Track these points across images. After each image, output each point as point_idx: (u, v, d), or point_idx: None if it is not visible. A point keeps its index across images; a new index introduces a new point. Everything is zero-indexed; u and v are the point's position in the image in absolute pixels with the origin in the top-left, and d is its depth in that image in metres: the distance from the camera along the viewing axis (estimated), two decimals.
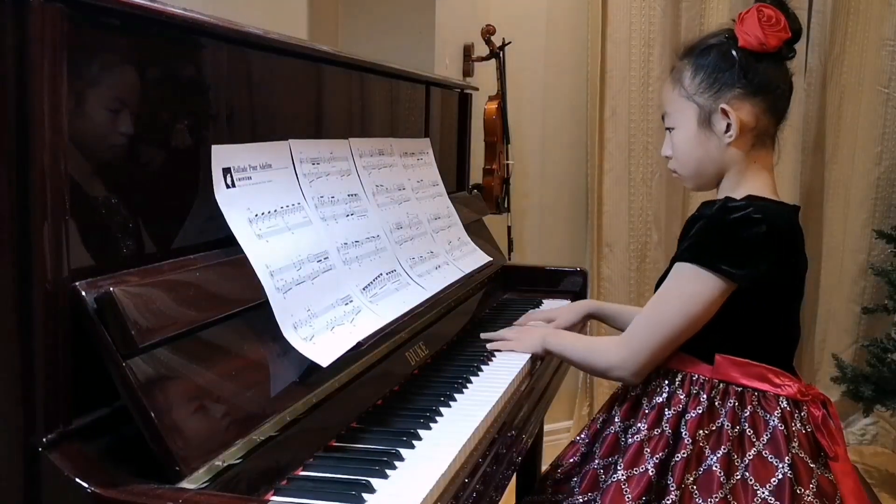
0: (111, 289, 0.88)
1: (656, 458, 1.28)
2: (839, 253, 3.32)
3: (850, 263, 3.34)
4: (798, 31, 1.34)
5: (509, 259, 2.70)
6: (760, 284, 1.28)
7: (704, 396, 1.29)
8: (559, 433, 3.10)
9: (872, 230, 3.26)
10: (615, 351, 1.39)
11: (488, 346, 1.61)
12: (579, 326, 1.93)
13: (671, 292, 1.34)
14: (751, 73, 1.32)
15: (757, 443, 1.27)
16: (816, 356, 3.34)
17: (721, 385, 1.30)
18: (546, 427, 2.46)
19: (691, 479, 1.25)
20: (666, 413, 1.31)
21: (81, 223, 0.91)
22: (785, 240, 1.32)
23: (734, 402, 1.29)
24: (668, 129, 1.42)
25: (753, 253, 1.27)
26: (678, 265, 1.33)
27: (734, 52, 1.33)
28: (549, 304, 2.07)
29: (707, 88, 1.34)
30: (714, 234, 1.29)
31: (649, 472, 1.28)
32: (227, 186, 1.11)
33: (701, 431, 1.28)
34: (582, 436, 1.53)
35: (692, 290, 1.30)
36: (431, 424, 1.23)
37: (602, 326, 2.51)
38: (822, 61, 3.21)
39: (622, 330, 1.80)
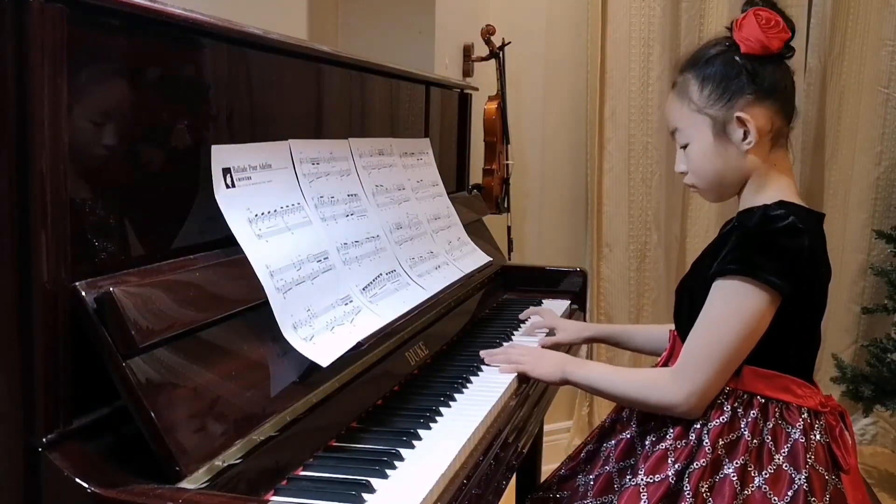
0: (111, 289, 0.88)
1: (678, 466, 1.27)
2: (839, 253, 3.32)
3: (849, 263, 3.34)
4: (794, 30, 1.33)
5: (509, 259, 2.70)
6: (796, 296, 1.26)
7: (728, 406, 1.28)
8: (559, 433, 3.10)
9: (872, 230, 3.26)
10: (673, 386, 1.29)
11: (501, 368, 1.50)
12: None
13: (722, 312, 1.26)
14: (758, 77, 1.30)
15: (777, 455, 1.26)
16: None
17: (745, 396, 1.29)
18: (546, 427, 2.46)
19: (706, 486, 1.24)
20: (694, 424, 1.29)
21: (81, 223, 0.91)
22: (818, 250, 1.30)
23: (756, 414, 1.27)
24: (681, 146, 1.38)
25: (796, 264, 1.25)
26: (722, 282, 1.26)
27: (738, 59, 1.31)
28: (548, 304, 2.07)
29: (718, 99, 1.32)
30: (759, 245, 1.25)
31: (670, 478, 1.27)
32: (227, 186, 1.11)
33: (721, 440, 1.26)
34: (588, 439, 1.53)
35: (744, 306, 1.25)
36: (431, 424, 1.23)
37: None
38: (821, 61, 3.21)
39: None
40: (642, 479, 1.29)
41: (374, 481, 1.01)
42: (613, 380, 1.39)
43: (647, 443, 1.35)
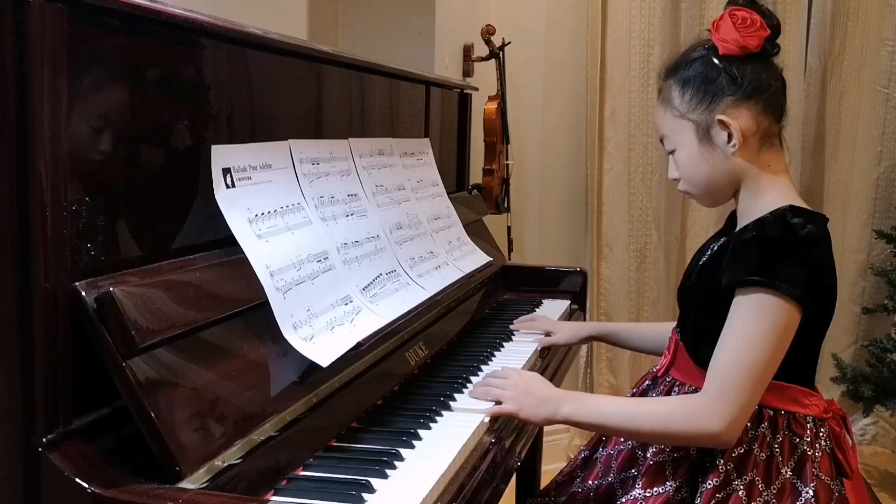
0: (111, 289, 0.88)
1: (678, 481, 1.26)
2: (839, 253, 3.32)
3: (849, 263, 3.33)
4: (777, 27, 1.30)
5: (509, 259, 2.70)
6: (814, 307, 1.23)
7: None
8: (559, 433, 3.10)
9: (872, 230, 3.26)
10: (713, 413, 1.20)
11: (484, 411, 1.29)
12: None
13: (754, 328, 1.20)
14: (739, 78, 1.28)
15: (784, 469, 1.24)
16: None
17: (754, 409, 1.26)
18: (546, 427, 2.46)
19: (714, 502, 1.23)
20: None
21: (81, 223, 0.91)
22: (831, 258, 1.28)
23: (766, 427, 1.25)
24: (669, 153, 1.37)
25: (818, 274, 1.23)
26: (747, 296, 1.21)
27: (717, 62, 1.29)
28: (548, 305, 2.07)
29: (699, 103, 1.30)
30: (783, 255, 1.21)
31: (669, 492, 1.26)
32: (227, 186, 1.11)
33: (731, 456, 1.24)
34: (586, 445, 1.52)
35: (776, 321, 1.19)
36: (431, 424, 1.23)
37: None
38: (821, 61, 3.21)
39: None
40: (640, 493, 1.28)
41: (374, 481, 1.01)
42: (633, 414, 1.26)
43: (648, 454, 1.34)
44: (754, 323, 1.20)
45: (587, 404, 1.29)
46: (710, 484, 1.24)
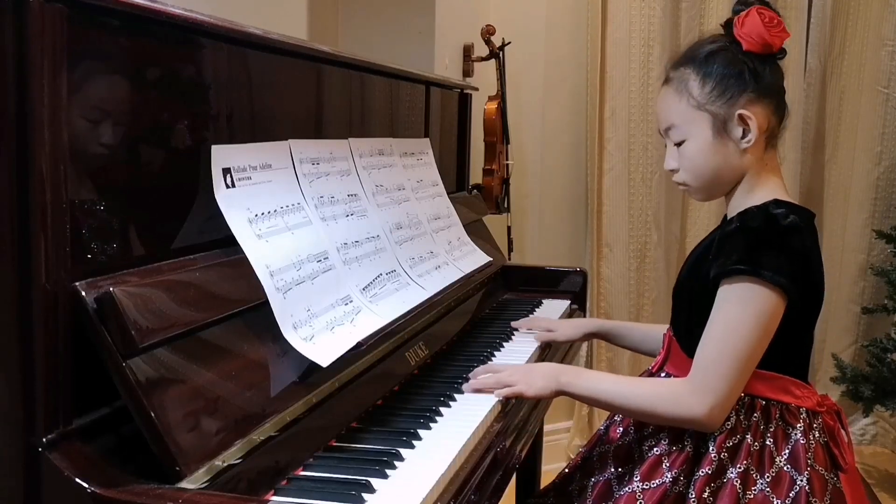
0: (111, 289, 0.88)
1: (674, 472, 1.27)
2: (839, 253, 3.32)
3: (849, 263, 3.33)
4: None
5: (509, 259, 2.70)
6: (799, 296, 1.24)
7: (732, 412, 1.26)
8: (559, 433, 3.10)
9: (872, 230, 3.26)
10: (694, 399, 1.24)
11: (495, 392, 1.35)
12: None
13: (737, 316, 1.23)
14: (759, 75, 1.30)
15: (778, 458, 1.25)
16: (816, 356, 3.34)
17: (746, 399, 1.27)
18: (546, 427, 2.46)
19: (708, 491, 1.24)
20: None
21: (81, 223, 0.91)
22: (816, 249, 1.30)
23: (758, 417, 1.27)
24: (676, 143, 1.36)
25: (801, 263, 1.24)
26: (732, 285, 1.23)
27: (741, 57, 1.30)
28: (548, 305, 2.07)
29: (719, 96, 1.30)
30: (766, 244, 1.23)
31: (666, 484, 1.27)
32: (227, 186, 1.11)
33: (723, 445, 1.25)
34: (585, 449, 1.52)
35: (759, 308, 1.22)
36: (431, 424, 1.23)
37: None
38: (821, 61, 3.21)
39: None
40: (638, 486, 1.29)
41: (374, 481, 1.01)
42: (623, 392, 1.32)
43: (644, 447, 1.35)
44: (738, 311, 1.23)
45: (583, 376, 1.38)
46: (703, 472, 1.25)
